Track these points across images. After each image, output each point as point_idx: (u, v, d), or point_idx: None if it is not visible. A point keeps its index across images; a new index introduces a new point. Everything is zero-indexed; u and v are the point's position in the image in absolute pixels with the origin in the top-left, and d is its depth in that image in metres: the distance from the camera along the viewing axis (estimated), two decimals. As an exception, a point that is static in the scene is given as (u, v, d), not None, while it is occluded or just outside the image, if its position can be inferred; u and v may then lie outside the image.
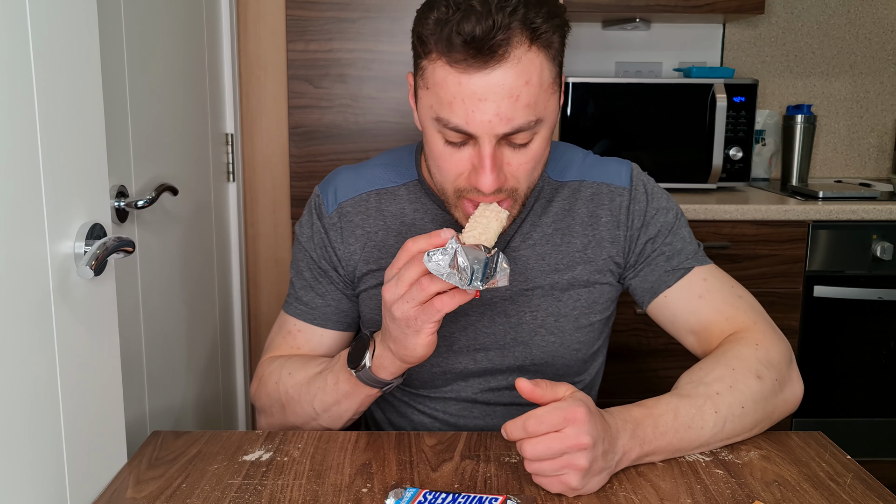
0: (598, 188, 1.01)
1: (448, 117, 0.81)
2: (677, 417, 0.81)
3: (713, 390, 0.84)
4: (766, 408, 0.87)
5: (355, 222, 1.01)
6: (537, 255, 0.99)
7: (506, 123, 0.80)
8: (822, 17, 2.36)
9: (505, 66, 0.78)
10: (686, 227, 1.03)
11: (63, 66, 0.72)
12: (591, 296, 1.00)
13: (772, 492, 0.76)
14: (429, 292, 0.76)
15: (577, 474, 0.73)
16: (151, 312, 1.25)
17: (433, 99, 0.83)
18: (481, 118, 0.79)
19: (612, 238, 1.00)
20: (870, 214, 1.88)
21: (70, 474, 0.73)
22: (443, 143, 0.85)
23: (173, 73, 1.38)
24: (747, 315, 0.96)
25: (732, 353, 0.90)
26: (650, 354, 1.92)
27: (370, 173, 1.03)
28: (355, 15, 1.99)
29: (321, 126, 2.03)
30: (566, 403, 0.73)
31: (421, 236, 0.77)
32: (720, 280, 0.99)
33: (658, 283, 0.99)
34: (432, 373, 1.00)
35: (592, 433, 0.72)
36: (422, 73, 0.84)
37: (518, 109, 0.80)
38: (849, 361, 1.96)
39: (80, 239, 0.73)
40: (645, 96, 2.01)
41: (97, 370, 0.78)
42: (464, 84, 0.79)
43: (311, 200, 1.05)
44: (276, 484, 0.78)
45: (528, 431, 0.73)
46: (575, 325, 0.99)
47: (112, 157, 1.08)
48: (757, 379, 0.87)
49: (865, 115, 2.42)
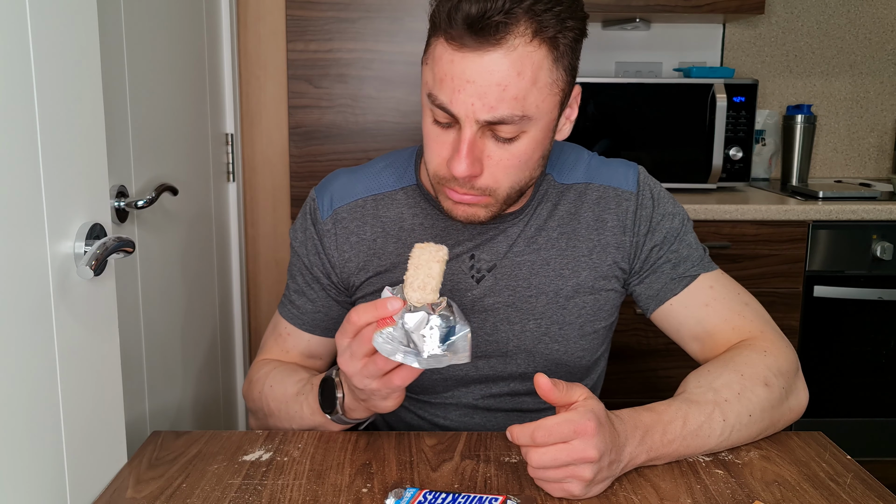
0: (604, 192, 0.99)
1: (437, 94, 0.81)
2: (686, 425, 0.81)
3: (722, 397, 0.83)
4: (773, 416, 0.87)
5: (350, 229, 0.98)
6: (542, 259, 0.97)
7: (488, 111, 0.78)
8: (822, 17, 2.36)
9: (499, 52, 0.77)
10: (692, 232, 1.01)
11: (63, 66, 0.72)
12: (597, 303, 0.99)
13: (772, 492, 0.76)
14: (384, 370, 0.76)
15: (581, 484, 0.73)
16: (151, 312, 1.25)
17: (429, 75, 0.83)
18: (465, 100, 0.78)
19: (618, 243, 0.98)
20: (870, 214, 1.88)
21: (70, 474, 0.73)
22: (431, 121, 0.84)
23: (173, 73, 1.38)
24: (754, 324, 0.95)
25: (741, 358, 0.88)
26: (650, 354, 1.92)
27: (367, 177, 1.01)
28: (355, 15, 1.99)
29: (321, 126, 2.03)
30: (577, 415, 0.72)
31: (367, 305, 0.74)
32: (726, 287, 0.98)
33: (663, 290, 0.98)
34: (433, 379, 0.99)
35: (600, 447, 0.72)
36: (427, 54, 0.84)
37: (504, 100, 0.78)
38: (849, 361, 1.96)
39: (80, 239, 0.73)
40: (645, 96, 2.01)
41: (97, 370, 0.78)
42: (455, 63, 0.78)
43: (306, 204, 1.02)
44: (276, 484, 0.78)
45: (535, 441, 0.72)
46: (580, 333, 0.98)
47: (112, 157, 1.08)
48: (765, 387, 0.86)
49: (865, 115, 2.42)
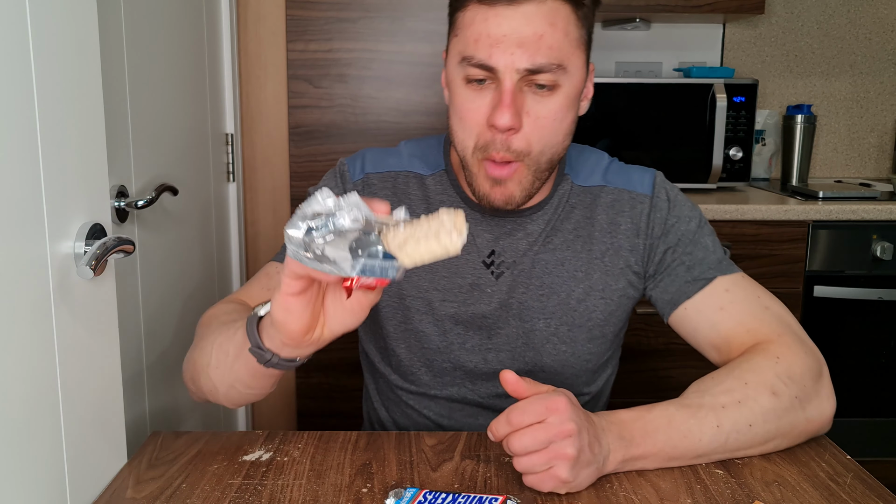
0: (619, 195, 0.99)
1: (473, 53, 0.84)
2: (671, 424, 0.79)
3: (719, 402, 0.81)
4: (781, 426, 0.83)
5: (379, 195, 0.99)
6: (557, 259, 0.97)
7: (528, 58, 0.82)
8: (822, 17, 2.36)
9: (532, 5, 0.82)
10: (710, 235, 0.99)
11: (63, 65, 0.72)
12: (608, 307, 0.98)
13: (772, 492, 0.76)
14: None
15: (567, 464, 0.72)
16: (151, 312, 1.25)
17: (461, 44, 0.86)
18: (504, 50, 0.83)
19: (632, 246, 0.98)
20: (870, 214, 1.88)
21: (70, 474, 0.73)
22: (465, 86, 0.87)
23: (173, 72, 1.38)
24: (771, 327, 0.91)
25: (748, 365, 0.85)
26: (650, 354, 1.92)
27: (399, 156, 1.03)
28: (355, 15, 1.99)
29: (321, 126, 2.03)
30: (547, 395, 0.74)
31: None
32: (745, 290, 0.95)
33: (678, 294, 0.96)
34: (442, 368, 1.00)
35: (576, 420, 0.72)
36: (454, 30, 0.88)
37: (541, 49, 0.83)
38: (849, 361, 1.96)
39: (80, 239, 0.73)
40: (645, 96, 2.01)
41: (97, 370, 0.78)
42: (490, 20, 0.83)
43: (332, 170, 1.03)
44: (277, 484, 0.78)
45: (512, 423, 0.72)
46: (588, 336, 0.98)
47: (112, 156, 1.08)
48: (771, 395, 0.82)
49: (866, 115, 2.42)
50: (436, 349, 1.00)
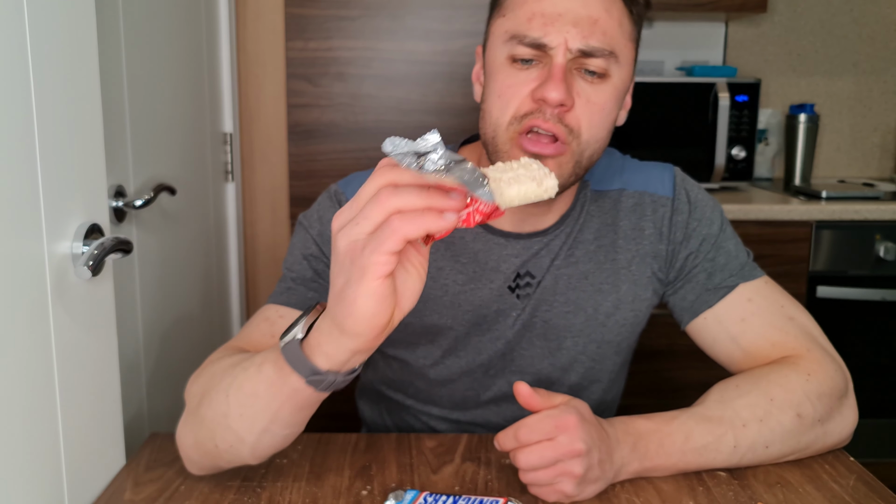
0: (640, 198, 0.95)
1: (525, 32, 0.80)
2: (688, 441, 0.77)
3: (740, 419, 0.78)
4: (797, 444, 0.81)
5: None
6: (580, 273, 0.92)
7: (582, 39, 0.79)
8: (825, 16, 2.35)
9: None
10: (733, 237, 0.95)
11: (61, 65, 0.71)
12: (637, 319, 0.95)
13: (774, 494, 0.76)
14: (386, 207, 0.56)
15: (572, 481, 0.71)
16: (149, 313, 1.24)
17: (510, 23, 0.82)
18: (559, 29, 0.79)
19: (655, 252, 0.93)
20: (873, 214, 1.88)
21: (68, 476, 0.72)
22: (509, 65, 0.82)
23: (172, 72, 1.38)
24: (798, 341, 0.87)
25: (777, 377, 0.82)
26: (653, 355, 1.91)
27: None
28: (355, 13, 1.98)
29: (320, 125, 2.03)
30: (558, 411, 0.72)
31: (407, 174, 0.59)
32: (768, 299, 0.90)
33: (698, 302, 0.91)
34: (465, 395, 0.97)
35: (586, 440, 0.71)
36: (501, 10, 0.84)
37: (595, 33, 0.80)
38: (852, 362, 1.93)
39: (78, 239, 0.73)
40: (647, 95, 2.00)
41: (95, 371, 0.78)
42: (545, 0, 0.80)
43: (327, 194, 0.95)
44: (275, 486, 0.77)
45: (519, 441, 0.71)
46: (616, 350, 0.96)
47: (110, 156, 1.07)
48: (796, 417, 0.79)
49: (869, 115, 2.41)
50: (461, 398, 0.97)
